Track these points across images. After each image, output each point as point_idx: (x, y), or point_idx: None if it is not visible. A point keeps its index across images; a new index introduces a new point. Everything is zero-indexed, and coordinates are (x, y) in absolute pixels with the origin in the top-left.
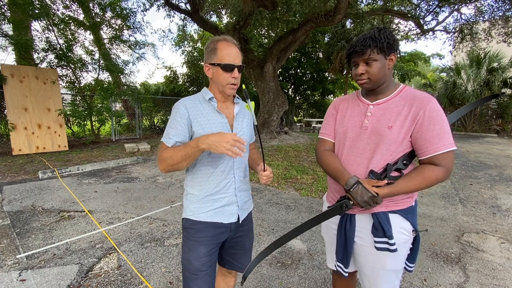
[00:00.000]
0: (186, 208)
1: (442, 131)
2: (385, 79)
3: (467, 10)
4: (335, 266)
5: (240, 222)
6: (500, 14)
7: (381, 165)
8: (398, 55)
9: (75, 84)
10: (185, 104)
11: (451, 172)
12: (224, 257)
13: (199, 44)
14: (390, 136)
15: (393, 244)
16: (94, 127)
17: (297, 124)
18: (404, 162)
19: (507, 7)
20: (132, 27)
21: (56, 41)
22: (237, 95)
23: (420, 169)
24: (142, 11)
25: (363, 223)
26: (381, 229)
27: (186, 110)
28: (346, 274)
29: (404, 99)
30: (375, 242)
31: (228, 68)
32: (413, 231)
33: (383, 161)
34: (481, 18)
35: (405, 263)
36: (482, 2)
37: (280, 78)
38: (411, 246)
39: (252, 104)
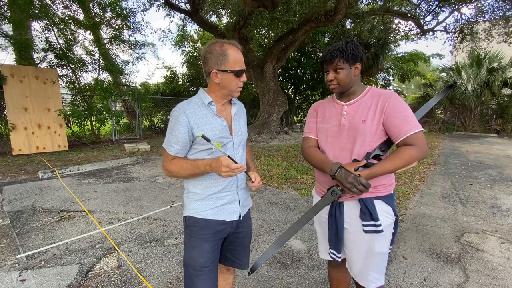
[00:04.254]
0: (188, 206)
1: (407, 116)
2: (352, 84)
3: (467, 10)
4: (329, 254)
5: (241, 218)
6: (501, 14)
7: (361, 154)
8: (364, 64)
9: (75, 84)
10: (184, 110)
11: (425, 150)
12: (223, 254)
13: (199, 44)
14: (365, 128)
15: (379, 225)
16: (94, 127)
17: (297, 124)
18: (381, 149)
19: (508, 7)
20: (132, 27)
21: (56, 41)
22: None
23: (396, 151)
24: (142, 11)
25: (351, 209)
26: (368, 212)
27: (186, 116)
28: (340, 260)
29: (372, 97)
30: (363, 225)
31: (240, 73)
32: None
33: (363, 151)
34: (481, 18)
35: None
36: (483, 2)
37: (280, 78)
38: (393, 230)
39: (218, 145)
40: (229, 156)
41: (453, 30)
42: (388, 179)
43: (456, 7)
